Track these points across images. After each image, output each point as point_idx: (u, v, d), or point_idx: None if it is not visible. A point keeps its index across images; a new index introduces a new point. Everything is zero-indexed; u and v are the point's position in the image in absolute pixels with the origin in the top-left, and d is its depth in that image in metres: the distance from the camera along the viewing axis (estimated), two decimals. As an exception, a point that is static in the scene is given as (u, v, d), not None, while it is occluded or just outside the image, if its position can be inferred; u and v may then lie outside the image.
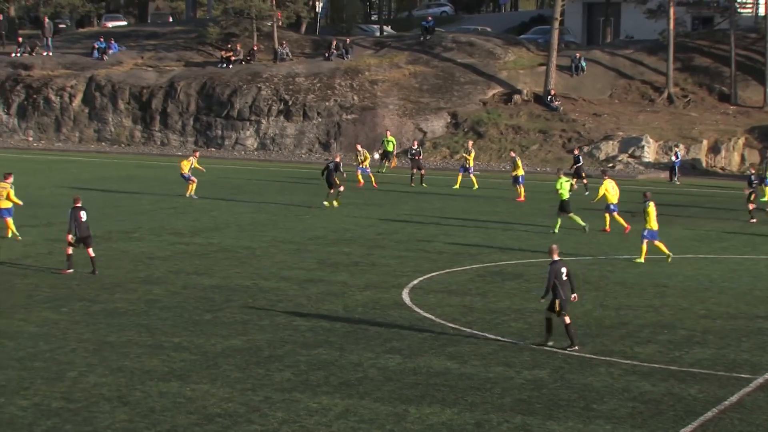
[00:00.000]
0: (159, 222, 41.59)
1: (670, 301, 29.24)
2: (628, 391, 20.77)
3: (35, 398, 19.51)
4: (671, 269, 34.04)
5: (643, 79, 78.02)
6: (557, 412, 19.33)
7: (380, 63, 79.62)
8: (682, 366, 22.68)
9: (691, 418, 19.17)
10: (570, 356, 23.18)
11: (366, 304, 27.95)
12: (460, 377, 21.41)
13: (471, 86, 77.38)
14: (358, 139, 74.15)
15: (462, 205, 49.05)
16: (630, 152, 70.17)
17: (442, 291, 29.94)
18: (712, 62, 78.57)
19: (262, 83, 78.09)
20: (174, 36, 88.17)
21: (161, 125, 78.78)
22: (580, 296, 29.46)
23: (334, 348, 23.47)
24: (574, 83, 77.29)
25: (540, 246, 37.94)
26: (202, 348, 23.22)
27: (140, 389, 20.17)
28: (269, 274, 31.72)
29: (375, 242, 37.99)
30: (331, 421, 18.59)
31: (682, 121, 73.16)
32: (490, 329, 25.53)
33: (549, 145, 71.31)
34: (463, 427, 18.39)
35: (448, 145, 73.25)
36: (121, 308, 26.87)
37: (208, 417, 18.66)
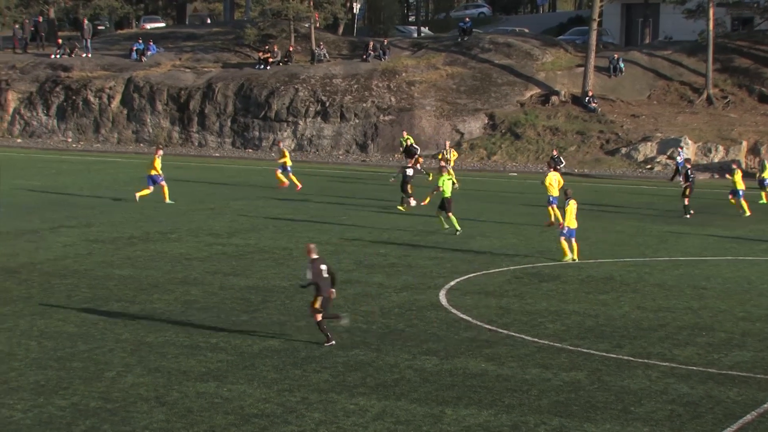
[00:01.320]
0: (197, 223, 41.74)
1: (709, 303, 29.11)
2: (666, 393, 20.70)
3: (74, 398, 19.63)
4: (710, 271, 33.85)
5: (681, 80, 77.69)
6: (594, 414, 19.29)
7: (417, 64, 79.63)
8: (721, 368, 22.57)
9: (730, 421, 19.08)
10: (608, 358, 23.12)
11: (402, 306, 27.97)
12: (497, 379, 21.39)
13: (508, 87, 77.28)
14: (395, 141, 74.19)
15: (499, 206, 49.01)
16: (669, 154, 69.88)
17: (479, 292, 29.91)
18: (752, 63, 78.16)
19: (299, 84, 78.25)
20: (212, 37, 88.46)
21: (199, 126, 79.06)
22: (618, 298, 29.42)
23: (370, 349, 23.49)
24: (612, 84, 77.04)
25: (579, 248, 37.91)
26: (239, 348, 23.29)
27: (178, 389, 20.25)
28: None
29: (412, 243, 37.98)
30: (368, 422, 18.61)
31: (721, 123, 72.80)
32: (527, 331, 25.50)
33: (587, 147, 71.12)
34: (499, 429, 18.37)
35: (486, 147, 73.18)
36: (158, 309, 26.99)
37: (245, 417, 18.72)
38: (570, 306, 28.37)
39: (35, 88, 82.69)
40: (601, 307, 28.27)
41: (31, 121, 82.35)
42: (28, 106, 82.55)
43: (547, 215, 42.59)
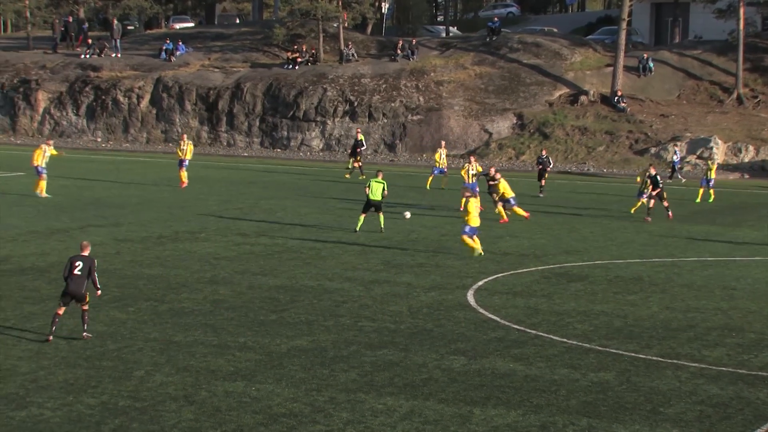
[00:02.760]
0: (225, 223, 41.84)
1: (739, 304, 28.99)
2: (696, 394, 20.63)
3: (103, 397, 19.71)
4: (740, 272, 33.73)
5: (711, 79, 77.45)
6: (623, 415, 19.24)
7: (446, 64, 79.64)
8: (751, 369, 22.49)
9: (760, 422, 19.01)
10: (636, 359, 23.06)
11: (431, 306, 27.96)
12: (525, 379, 21.36)
13: (537, 87, 77.21)
14: (423, 141, 74.28)
15: (527, 207, 48.92)
16: (699, 153, 69.67)
17: (507, 292, 29.89)
18: (783, 63, 77.88)
19: (327, 84, 78.36)
20: (240, 37, 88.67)
21: (227, 126, 79.29)
22: (647, 299, 29.34)
23: (398, 349, 23.50)
24: (641, 84, 76.86)
25: (606, 248, 37.80)
26: (267, 348, 23.33)
27: (206, 389, 20.31)
28: (334, 274, 31.82)
29: (440, 243, 37.99)
30: (396, 422, 18.62)
31: (752, 122, 72.56)
32: (555, 331, 25.46)
33: (616, 147, 70.98)
34: (528, 430, 18.35)
35: (514, 147, 73.14)
36: (187, 308, 27.07)
37: (273, 417, 18.76)
38: (598, 306, 28.31)
39: (65, 88, 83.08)
40: (629, 308, 28.21)
41: (60, 120, 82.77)
42: (58, 105, 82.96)
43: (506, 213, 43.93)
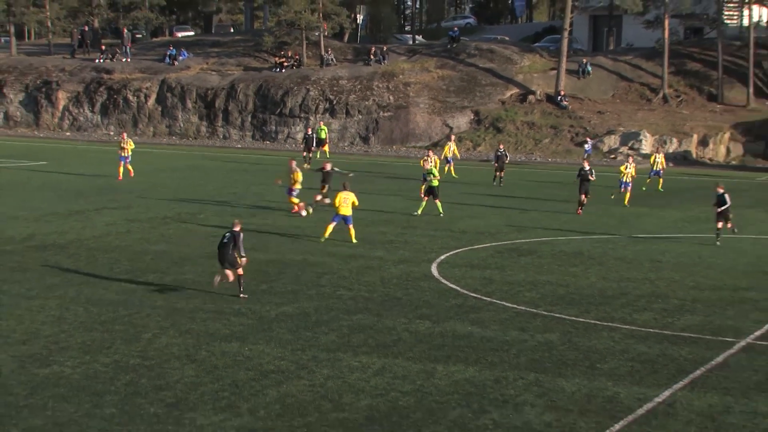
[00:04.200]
0: (221, 205, 41.69)
1: (664, 275, 29.11)
2: (627, 352, 20.71)
3: (115, 356, 19.65)
4: (665, 247, 33.87)
5: (641, 81, 77.62)
6: (565, 370, 19.30)
7: (413, 67, 79.51)
8: (674, 331, 22.59)
9: (682, 376, 19.10)
10: (577, 322, 23.13)
11: (400, 277, 27.97)
12: (481, 340, 21.40)
13: (491, 88, 77.19)
14: (393, 134, 74.26)
15: (484, 190, 49.01)
16: (629, 145, 69.87)
17: (466, 265, 29.91)
18: (701, 67, 78.12)
19: (310, 85, 78.16)
20: (234, 44, 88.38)
21: (223, 121, 79.03)
22: (586, 270, 29.43)
23: (372, 314, 23.50)
24: (581, 85, 76.95)
25: (550, 226, 37.89)
26: (259, 314, 23.30)
27: (205, 349, 20.26)
28: (316, 250, 31.78)
29: (408, 223, 37.98)
30: (370, 377, 18.63)
31: (675, 118, 72.77)
32: (507, 298, 25.50)
33: (559, 139, 71.08)
34: (483, 383, 18.39)
35: (472, 139, 73.16)
36: (189, 279, 26.99)
37: (264, 373, 18.74)
38: (544, 277, 28.37)
39: (82, 88, 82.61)
40: (571, 278, 28.28)
41: (78, 116, 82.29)
42: (76, 103, 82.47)
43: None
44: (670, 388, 18.32)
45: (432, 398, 17.47)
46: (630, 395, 17.83)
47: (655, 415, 16.84)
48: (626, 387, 18.33)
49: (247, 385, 18.04)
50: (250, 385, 18.04)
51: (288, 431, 15.79)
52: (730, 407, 17.35)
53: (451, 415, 16.62)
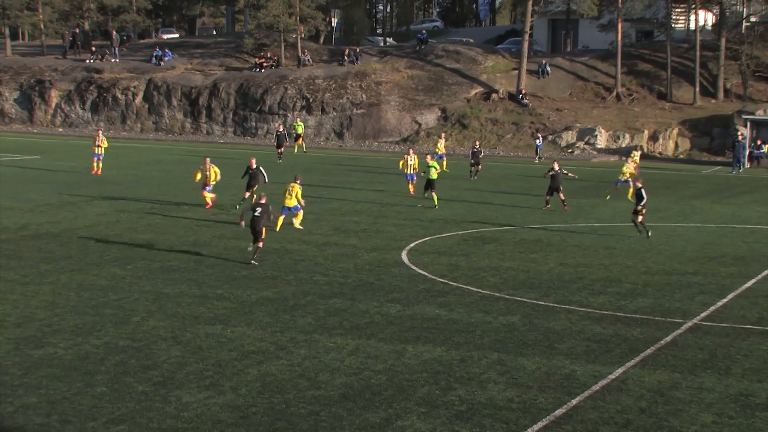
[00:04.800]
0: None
1: (618, 260, 29.24)
2: (584, 332, 20.79)
3: (106, 338, 19.56)
4: (619, 235, 34.01)
5: (596, 81, 77.88)
6: (526, 350, 19.36)
7: (384, 67, 79.44)
8: (627, 312, 22.69)
9: (634, 354, 19.20)
10: (537, 305, 23.20)
11: (372, 263, 27.97)
12: (448, 322, 21.43)
13: (457, 86, 77.24)
14: (366, 130, 74.20)
15: (450, 183, 49.01)
16: (586, 140, 70.16)
17: (434, 252, 29.94)
18: (652, 67, 78.49)
19: (288, 84, 77.95)
20: (217, 46, 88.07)
21: (207, 118, 78.74)
22: (545, 257, 29.52)
23: (346, 298, 23.49)
24: (540, 84, 77.13)
25: (512, 216, 37.98)
26: (240, 298, 23.25)
27: (190, 331, 20.20)
28: (294, 238, 31.73)
29: (380, 213, 37.98)
30: (344, 357, 18.63)
31: (628, 115, 73.08)
32: (473, 283, 25.55)
33: (520, 135, 71.25)
34: (450, 362, 18.43)
35: (439, 134, 73.17)
36: (174, 266, 26.89)
37: (245, 353, 18.71)
38: (506, 263, 28.44)
39: (73, 87, 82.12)
40: (531, 264, 28.36)
41: (69, 113, 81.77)
42: (68, 101, 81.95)
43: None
44: (623, 365, 18.41)
45: (402, 376, 17.49)
46: (586, 372, 17.91)
47: (609, 391, 16.94)
48: (582, 365, 18.41)
49: (229, 364, 18.00)
50: (233, 364, 18.00)
51: (268, 407, 15.78)
52: (677, 383, 17.47)
53: (420, 392, 16.65)
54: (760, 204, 43.40)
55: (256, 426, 15.01)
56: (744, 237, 34.21)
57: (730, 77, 75.60)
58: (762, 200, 44.72)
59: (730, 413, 15.98)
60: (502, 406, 16.07)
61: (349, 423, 15.18)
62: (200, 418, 15.26)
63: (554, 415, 15.68)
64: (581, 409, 15.98)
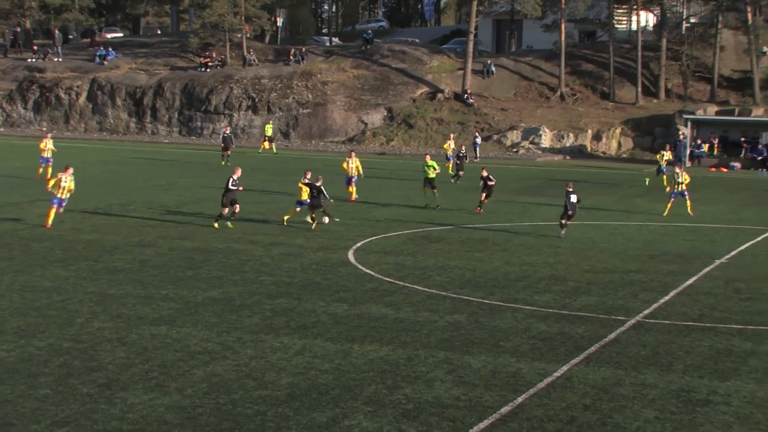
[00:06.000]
0: (150, 197, 41.23)
1: (562, 259, 29.45)
2: (529, 330, 20.92)
3: (49, 340, 19.32)
4: (562, 233, 34.24)
5: (540, 80, 78.44)
6: (472, 348, 19.43)
7: (330, 67, 79.35)
8: (571, 311, 22.86)
9: (578, 352, 19.35)
10: (483, 303, 23.30)
11: (319, 263, 27.92)
12: (395, 321, 21.46)
13: (403, 86, 77.38)
14: (312, 130, 74.05)
15: (397, 183, 49.12)
16: (530, 140, 70.61)
17: (380, 252, 29.96)
18: (595, 67, 79.23)
19: (233, 84, 77.59)
20: (161, 45, 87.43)
21: (151, 118, 78.15)
22: (491, 255, 29.66)
23: (293, 298, 23.43)
24: (485, 84, 77.52)
25: (458, 215, 38.12)
26: (186, 298, 23.09)
27: (135, 332, 20.03)
28: (240, 238, 31.58)
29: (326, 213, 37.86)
30: (291, 357, 18.58)
31: (572, 115, 73.68)
32: (419, 282, 25.60)
33: (466, 134, 71.52)
34: (397, 361, 18.45)
35: (385, 134, 73.28)
36: (119, 267, 26.65)
37: (191, 354, 18.58)
38: (453, 262, 28.53)
39: (15, 86, 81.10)
40: (477, 263, 28.48)
41: (11, 113, 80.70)
42: (9, 101, 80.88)
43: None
44: (567, 363, 18.55)
45: (349, 376, 17.48)
46: (531, 370, 18.02)
47: (554, 389, 17.06)
48: (528, 363, 18.52)
49: (175, 365, 17.87)
50: (178, 365, 17.88)
51: (214, 408, 15.69)
52: (621, 380, 17.64)
53: (367, 391, 16.65)
54: (701, 202, 43.98)
55: (202, 427, 14.92)
56: (685, 235, 34.65)
57: (671, 77, 76.54)
58: (702, 199, 45.33)
59: (672, 409, 16.17)
60: (449, 404, 16.12)
61: (296, 423, 15.14)
62: (145, 420, 15.13)
63: (500, 412, 15.76)
64: (527, 407, 16.08)
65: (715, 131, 66.45)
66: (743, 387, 17.38)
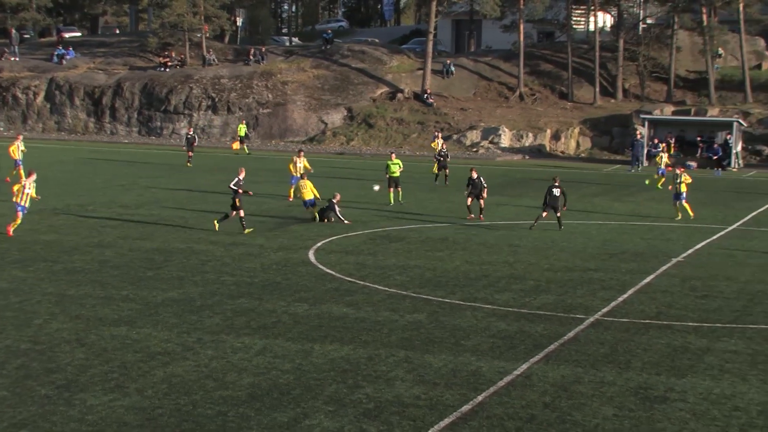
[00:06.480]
0: (110, 197, 40.94)
1: (521, 258, 29.59)
2: (489, 329, 20.99)
3: (7, 341, 19.13)
4: (522, 233, 34.44)
5: (499, 80, 78.71)
6: (433, 347, 19.47)
7: (290, 67, 79.17)
8: (531, 309, 22.97)
9: (538, 350, 19.45)
10: (443, 303, 23.36)
11: (279, 263, 27.86)
12: (356, 320, 21.46)
13: (363, 86, 77.35)
14: (272, 130, 73.87)
15: (356, 183, 49.11)
16: (490, 139, 70.84)
17: (341, 251, 29.95)
18: (553, 67, 79.63)
19: (193, 84, 77.20)
20: (120, 45, 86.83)
21: (110, 118, 77.56)
22: (451, 255, 29.73)
23: (253, 298, 23.36)
24: (445, 84, 77.68)
25: (419, 215, 38.18)
26: (146, 299, 22.95)
27: (95, 333, 19.88)
28: (200, 239, 31.44)
29: (286, 213, 37.85)
30: (252, 357, 18.53)
31: (531, 115, 74.02)
32: (379, 282, 25.62)
33: (426, 134, 71.59)
34: (358, 360, 18.45)
35: (345, 134, 73.22)
36: (78, 267, 26.43)
37: (151, 355, 18.48)
38: (413, 261, 28.57)
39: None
40: (437, 262, 28.54)
41: (-32, 113, 79.77)
42: (-34, 101, 79.93)
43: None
44: (527, 361, 18.64)
45: (310, 375, 17.46)
46: (491, 369, 18.09)
47: (514, 387, 17.13)
48: (488, 361, 18.59)
49: (135, 366, 17.76)
50: (138, 366, 17.76)
51: (174, 409, 15.60)
52: (580, 377, 17.75)
53: (328, 391, 16.64)
54: (658, 201, 44.36)
55: (162, 428, 14.83)
56: (643, 234, 34.92)
57: (628, 78, 77.11)
58: (659, 197, 45.71)
59: (630, 406, 16.29)
60: (410, 403, 16.14)
61: (257, 423, 15.09)
62: (105, 421, 15.02)
63: (460, 411, 15.80)
64: (487, 405, 16.13)
65: (672, 131, 67.01)
66: (699, 384, 17.55)
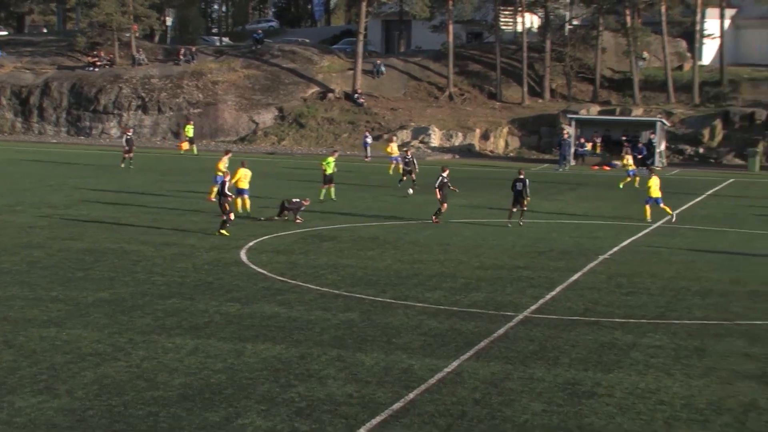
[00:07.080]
0: (38, 197, 40.31)
1: (452, 256, 29.74)
2: (420, 327, 21.07)
3: (-66, 345, 18.75)
4: (453, 231, 34.63)
5: (429, 80, 79.04)
6: (365, 346, 19.50)
7: (220, 67, 78.68)
8: (461, 307, 23.10)
9: (468, 347, 19.57)
10: (375, 301, 23.39)
11: (211, 263, 27.68)
12: (288, 320, 21.40)
13: (294, 86, 77.17)
14: (203, 130, 73.37)
15: (286, 183, 48.98)
16: (420, 139, 71.14)
17: (273, 251, 29.85)
18: (482, 68, 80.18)
19: (123, 83, 76.36)
20: (48, 44, 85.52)
21: (38, 118, 76.43)
22: (382, 254, 29.79)
23: (185, 298, 23.18)
24: (375, 84, 77.79)
25: (350, 214, 38.20)
26: (76, 300, 22.65)
27: (23, 335, 19.56)
28: (131, 239, 31.11)
29: (218, 212, 37.54)
30: (183, 357, 18.38)
31: (460, 114, 74.46)
32: (311, 281, 25.58)
33: (356, 134, 71.67)
34: (290, 359, 18.41)
35: (276, 134, 73.00)
36: (6, 268, 25.99)
37: (82, 356, 18.24)
38: (345, 260, 28.58)
39: None
40: (369, 261, 28.58)
41: None
42: None
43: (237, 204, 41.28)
44: (458, 359, 18.74)
45: (242, 375, 17.38)
46: (423, 366, 18.16)
47: (445, 384, 17.22)
48: (420, 359, 18.66)
49: (65, 367, 17.52)
50: (68, 367, 17.53)
51: (105, 410, 15.42)
52: (510, 374, 17.90)
53: (260, 390, 16.58)
54: (585, 200, 44.91)
55: (93, 429, 14.66)
56: (570, 232, 35.33)
57: (555, 78, 77.94)
58: (586, 196, 46.29)
59: (559, 401, 16.47)
60: (342, 401, 16.15)
61: (189, 423, 14.99)
62: (34, 423, 14.80)
63: (392, 408, 15.85)
64: (418, 403, 16.20)
65: (598, 130, 67.89)
66: (626, 378, 17.81)
